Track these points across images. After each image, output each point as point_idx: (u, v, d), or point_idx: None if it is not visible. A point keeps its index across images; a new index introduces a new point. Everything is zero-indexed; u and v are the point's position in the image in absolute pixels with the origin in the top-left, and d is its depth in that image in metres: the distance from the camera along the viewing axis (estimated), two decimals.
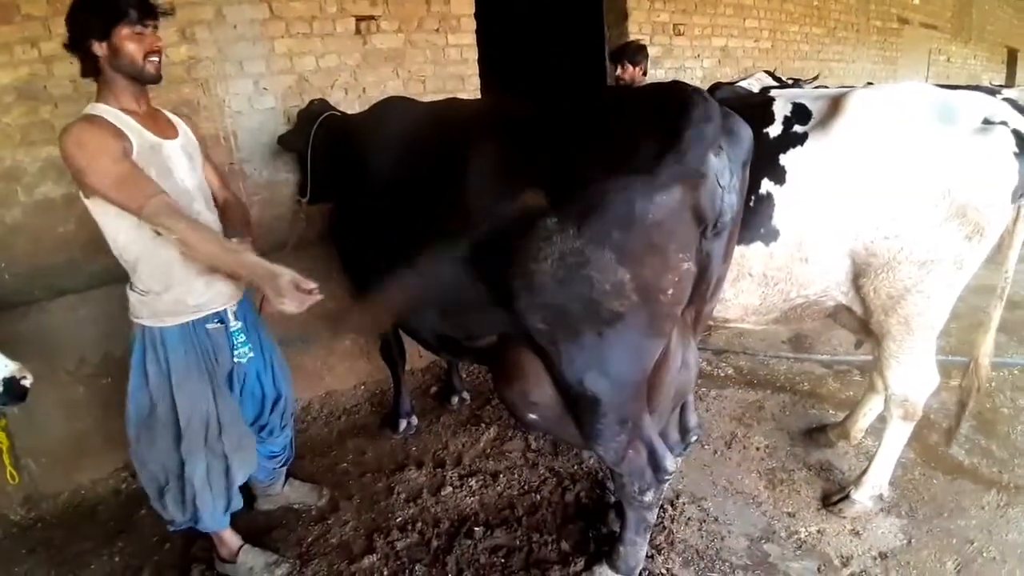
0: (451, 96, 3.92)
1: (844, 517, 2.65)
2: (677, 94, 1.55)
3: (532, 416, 2.01)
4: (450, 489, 2.93)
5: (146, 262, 2.02)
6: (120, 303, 2.17)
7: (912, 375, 2.42)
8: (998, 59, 11.42)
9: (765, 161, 2.23)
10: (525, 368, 1.94)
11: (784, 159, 2.24)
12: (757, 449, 3.15)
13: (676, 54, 5.63)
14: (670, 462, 1.99)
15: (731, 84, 3.70)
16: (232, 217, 2.32)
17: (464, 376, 3.90)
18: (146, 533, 2.78)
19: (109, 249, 2.06)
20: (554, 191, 1.59)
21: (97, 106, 1.94)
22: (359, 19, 3.86)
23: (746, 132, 1.70)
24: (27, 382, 1.83)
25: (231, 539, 2.52)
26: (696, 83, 5.88)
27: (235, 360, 2.30)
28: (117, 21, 1.84)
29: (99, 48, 1.87)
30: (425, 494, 2.91)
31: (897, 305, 2.26)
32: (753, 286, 2.40)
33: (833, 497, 2.74)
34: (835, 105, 2.23)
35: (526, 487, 2.92)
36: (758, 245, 2.31)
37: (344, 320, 3.36)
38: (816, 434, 3.20)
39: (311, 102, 3.40)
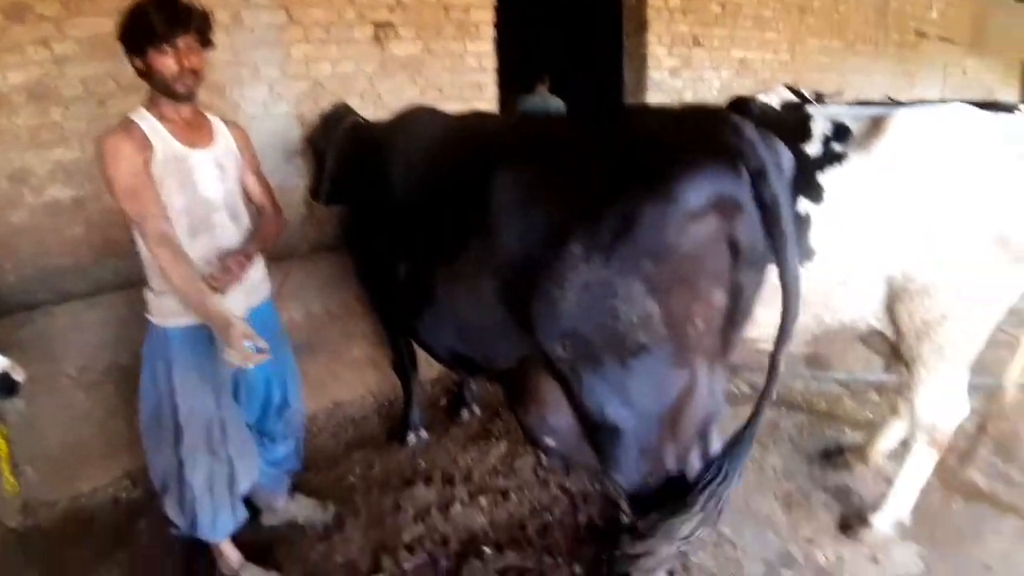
0: (474, 108, 3.87)
1: (863, 543, 2.59)
2: (715, 117, 1.49)
3: (549, 441, 1.96)
4: (459, 507, 2.86)
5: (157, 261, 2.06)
6: (126, 309, 2.17)
7: (942, 403, 2.35)
8: (1013, 73, 11.33)
9: (802, 179, 2.16)
10: (544, 393, 1.88)
11: (822, 178, 2.18)
12: (774, 471, 3.08)
13: (695, 65, 5.57)
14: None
15: (751, 98, 3.63)
16: (262, 227, 2.37)
17: (475, 389, 3.83)
18: (145, 545, 2.72)
19: (117, 253, 2.11)
20: (582, 217, 1.53)
21: (139, 111, 2.02)
22: (377, 26, 3.82)
23: (787, 155, 1.63)
24: (19, 377, 1.82)
25: (232, 554, 2.47)
26: (714, 94, 5.88)
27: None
28: (149, 42, 1.91)
29: (137, 63, 1.97)
30: (434, 511, 2.84)
31: (931, 331, 2.19)
32: None
33: (852, 522, 2.67)
34: (878, 125, 2.16)
35: (537, 507, 2.85)
36: None
37: None
38: (834, 456, 3.12)
39: (335, 106, 3.36)
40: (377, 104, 3.85)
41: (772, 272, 2.22)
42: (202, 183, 2.10)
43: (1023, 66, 12.26)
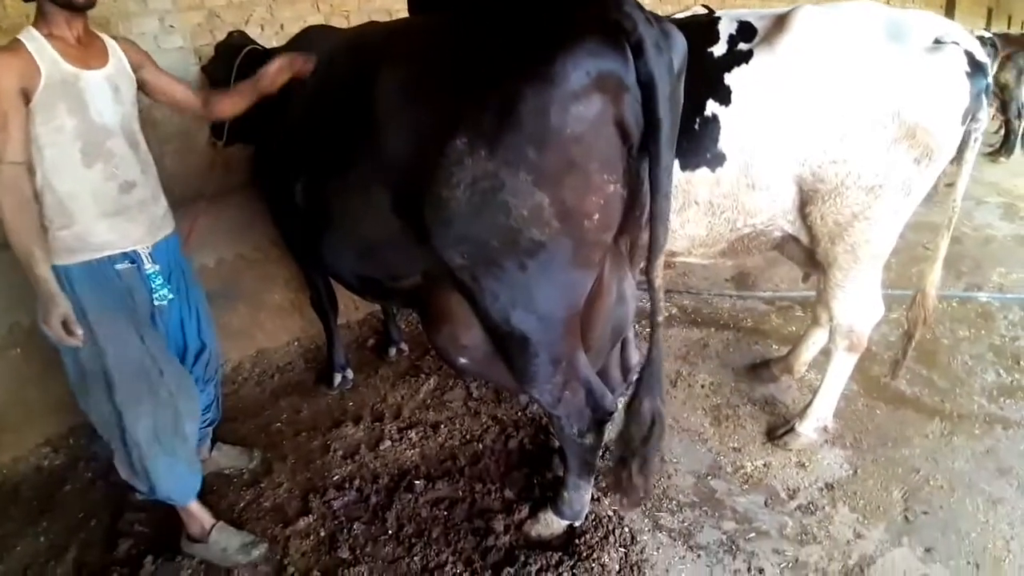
0: None
1: (790, 450, 2.66)
2: None
3: (463, 360, 1.89)
4: (389, 443, 2.82)
5: (48, 193, 1.93)
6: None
7: (858, 306, 2.39)
8: (936, 4, 11.55)
9: (710, 81, 2.13)
10: (452, 309, 1.81)
11: (729, 78, 2.13)
12: (702, 387, 3.13)
13: None
14: (610, 401, 1.90)
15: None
16: (224, 97, 2.33)
17: (403, 327, 3.75)
18: (71, 511, 2.62)
19: None
20: (464, 107, 1.43)
21: (28, 31, 1.88)
22: None
23: (679, 38, 1.55)
24: None
25: (201, 514, 2.34)
26: None
27: (155, 303, 2.17)
28: None
29: None
30: (363, 450, 2.80)
31: (844, 233, 2.20)
32: (699, 215, 2.30)
33: (778, 431, 2.74)
34: (781, 22, 2.12)
35: (468, 437, 2.83)
36: (704, 171, 2.20)
37: None
38: (760, 369, 3.18)
39: (229, 34, 3.13)
40: (279, 34, 3.61)
41: (691, 178, 2.22)
42: (95, 106, 1.95)
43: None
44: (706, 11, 2.82)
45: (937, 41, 1.99)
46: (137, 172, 2.08)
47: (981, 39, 4.24)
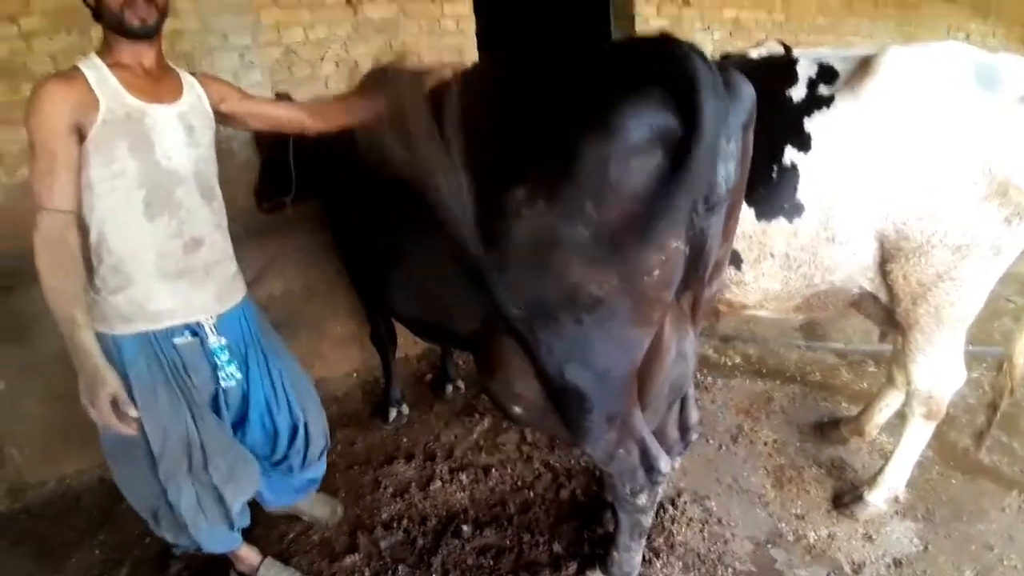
0: None
1: (857, 520, 2.48)
2: (659, 44, 1.36)
3: (516, 409, 1.85)
4: (439, 484, 2.79)
5: (103, 251, 1.70)
6: None
7: (939, 371, 2.23)
8: (1016, 37, 11.02)
9: (789, 126, 2.03)
10: (508, 358, 1.77)
11: (809, 124, 2.03)
12: (765, 444, 2.97)
13: (685, 25, 5.35)
14: (664, 463, 1.81)
15: (741, 55, 3.48)
16: (328, 109, 2.00)
17: (459, 364, 3.74)
18: (128, 526, 2.68)
19: None
20: (524, 159, 1.42)
21: (90, 58, 1.66)
22: None
23: (747, 90, 1.49)
24: None
25: (248, 555, 2.31)
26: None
27: (220, 383, 1.95)
28: None
29: None
30: (413, 488, 2.78)
31: (927, 293, 2.06)
32: (775, 268, 2.20)
33: (845, 498, 2.57)
34: (866, 65, 2.01)
35: (519, 483, 2.77)
36: (781, 221, 2.10)
37: None
38: (828, 429, 3.01)
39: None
40: (353, 71, 3.72)
41: (767, 228, 2.13)
42: (163, 147, 1.71)
43: None
44: (782, 47, 2.74)
45: None
46: (208, 228, 1.84)
47: None
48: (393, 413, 3.29)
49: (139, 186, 1.68)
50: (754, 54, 2.63)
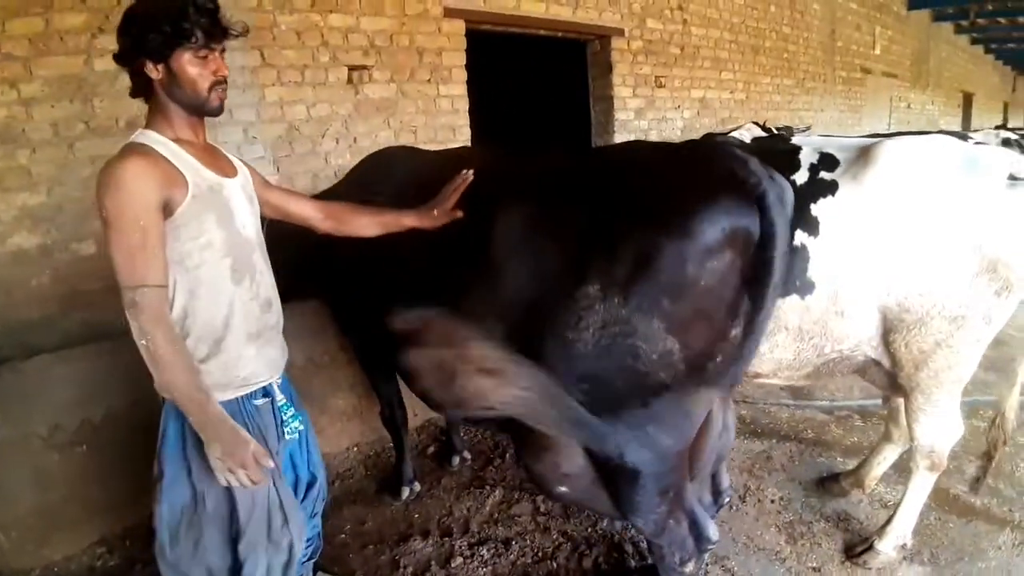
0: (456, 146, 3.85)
1: (870, 568, 2.59)
2: (716, 150, 1.50)
3: (562, 489, 1.90)
4: (460, 560, 2.76)
5: (192, 320, 1.67)
6: (99, 363, 1.87)
7: (939, 427, 2.39)
8: (954, 103, 11.99)
9: (797, 211, 2.17)
10: (555, 439, 1.82)
11: (816, 209, 2.20)
12: (772, 502, 3.07)
13: (658, 105, 5.73)
14: (713, 530, 1.89)
15: (723, 135, 3.72)
16: (359, 212, 2.07)
17: (463, 435, 3.74)
18: None
19: (86, 305, 1.77)
20: (597, 255, 1.52)
21: (148, 134, 1.62)
22: (351, 68, 3.82)
23: (790, 190, 1.65)
24: None
25: None
26: (677, 134, 6.04)
27: (286, 438, 1.95)
28: (179, 43, 1.54)
29: (154, 70, 1.57)
30: (434, 567, 2.73)
31: (927, 359, 2.23)
32: (788, 340, 2.33)
33: (856, 549, 2.67)
34: (865, 154, 2.22)
35: (540, 554, 2.77)
36: (794, 298, 2.24)
37: None
38: (829, 483, 3.14)
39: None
40: (352, 147, 3.82)
41: (781, 304, 2.26)
42: (240, 217, 1.75)
43: (963, 97, 12.98)
44: (760, 128, 2.95)
45: (1012, 177, 2.08)
46: (273, 290, 1.89)
47: (1007, 141, 4.37)
48: (406, 492, 3.23)
49: (225, 255, 1.70)
50: (736, 135, 2.84)
